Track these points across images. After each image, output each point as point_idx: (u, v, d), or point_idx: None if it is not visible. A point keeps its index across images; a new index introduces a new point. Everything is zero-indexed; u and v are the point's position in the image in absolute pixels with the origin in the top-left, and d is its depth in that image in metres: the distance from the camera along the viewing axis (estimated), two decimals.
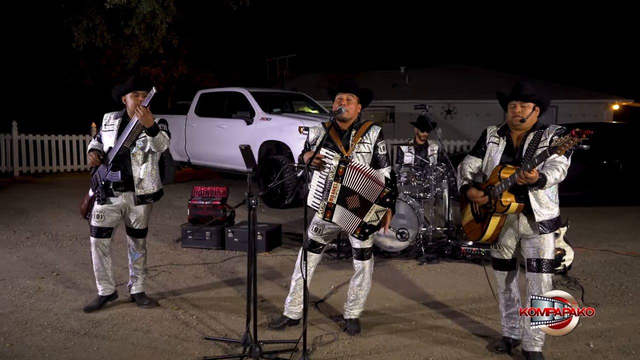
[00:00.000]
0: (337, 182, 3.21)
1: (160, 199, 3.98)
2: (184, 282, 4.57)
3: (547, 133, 2.94)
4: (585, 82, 21.89)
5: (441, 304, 4.10)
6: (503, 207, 2.93)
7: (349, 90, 3.32)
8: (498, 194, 2.93)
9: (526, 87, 2.96)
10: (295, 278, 3.55)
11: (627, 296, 4.33)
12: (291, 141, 8.25)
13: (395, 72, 24.50)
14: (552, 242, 3.01)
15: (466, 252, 5.31)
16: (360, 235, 3.26)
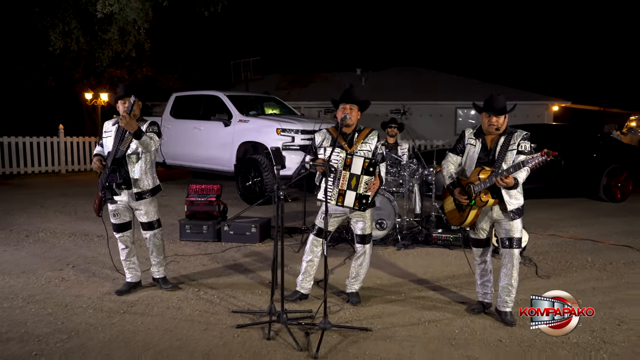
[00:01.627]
0: (346, 171, 3.86)
1: (157, 193, 4.43)
2: (194, 269, 5.10)
3: (515, 137, 3.68)
4: (529, 85, 23.46)
5: (423, 280, 4.83)
6: (482, 202, 3.67)
7: (351, 101, 3.98)
8: (478, 192, 3.66)
9: (500, 100, 3.68)
10: (306, 260, 4.17)
11: (572, 270, 5.21)
12: (269, 142, 8.82)
13: (352, 74, 25.31)
14: (520, 225, 3.79)
15: (437, 239, 6.09)
16: (361, 207, 3.87)
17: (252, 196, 8.95)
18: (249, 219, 6.41)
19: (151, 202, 4.32)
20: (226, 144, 9.45)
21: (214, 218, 6.33)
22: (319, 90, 23.28)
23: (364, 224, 4.07)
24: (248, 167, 9.00)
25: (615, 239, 6.60)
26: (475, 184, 3.67)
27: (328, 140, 4.08)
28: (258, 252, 5.75)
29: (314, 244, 4.13)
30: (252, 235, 6.14)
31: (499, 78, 24.36)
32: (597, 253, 5.85)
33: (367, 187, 3.86)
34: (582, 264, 5.40)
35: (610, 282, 4.81)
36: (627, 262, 5.50)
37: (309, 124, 9.16)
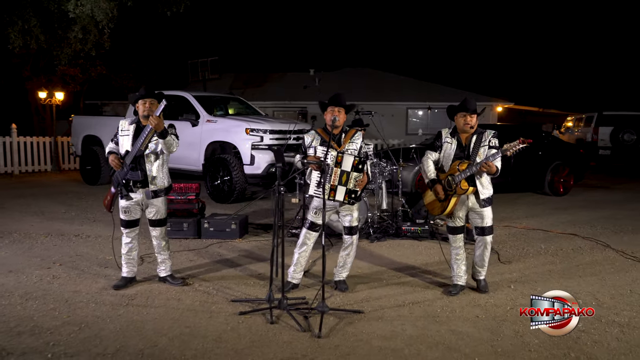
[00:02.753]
0: (337, 167, 4.20)
1: (169, 192, 4.66)
2: (182, 265, 5.30)
3: (486, 135, 4.25)
4: (474, 86, 24.67)
5: (400, 268, 5.26)
6: (462, 190, 4.17)
7: (340, 105, 4.34)
8: (458, 181, 4.15)
9: (472, 102, 4.24)
10: (298, 251, 4.49)
11: (529, 256, 5.79)
12: (239, 141, 9.06)
13: (305, 74, 25.69)
14: (491, 213, 4.35)
15: (406, 231, 6.55)
16: (350, 201, 4.25)
17: (221, 195, 9.15)
18: (228, 216, 6.65)
19: (163, 201, 4.52)
20: (194, 144, 9.57)
21: (194, 216, 6.52)
22: (273, 90, 23.55)
23: (351, 217, 4.43)
24: (217, 166, 9.18)
25: (562, 228, 7.29)
26: (455, 175, 4.17)
27: (317, 140, 4.41)
28: (240, 248, 6.01)
29: (307, 237, 4.45)
30: (232, 232, 6.38)
31: (447, 80, 25.42)
32: (548, 241, 6.48)
33: (356, 183, 4.23)
34: (537, 251, 6.00)
35: (563, 265, 5.40)
36: (575, 248, 6.15)
37: (276, 124, 9.45)
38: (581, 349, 3.34)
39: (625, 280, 4.88)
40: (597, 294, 4.46)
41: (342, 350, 3.36)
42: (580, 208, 9.02)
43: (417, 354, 3.33)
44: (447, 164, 4.33)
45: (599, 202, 9.85)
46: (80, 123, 12.09)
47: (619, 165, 16.12)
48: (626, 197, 10.49)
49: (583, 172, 11.07)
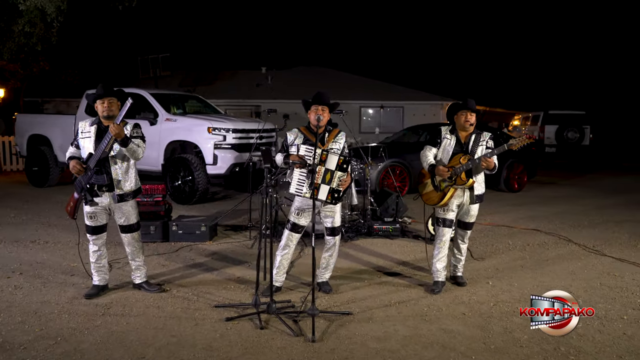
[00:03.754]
0: (321, 166, 4.14)
1: (138, 195, 4.43)
2: (154, 270, 5.07)
3: (484, 136, 4.44)
4: (424, 85, 25.17)
5: (378, 268, 5.26)
6: (463, 181, 4.31)
7: (323, 104, 4.27)
8: (460, 172, 4.30)
9: (473, 102, 4.35)
10: (281, 254, 4.38)
11: (499, 252, 5.94)
12: (201, 141, 8.82)
13: (257, 73, 25.42)
14: (477, 210, 4.52)
15: (378, 230, 6.57)
16: (333, 201, 4.19)
17: (182, 196, 8.88)
18: (197, 218, 6.44)
19: (132, 205, 4.28)
20: (153, 143, 9.21)
21: (161, 218, 6.28)
22: (225, 88, 23.14)
23: (333, 218, 4.38)
24: (177, 166, 8.89)
25: (524, 223, 7.54)
26: (456, 167, 4.32)
27: (300, 138, 4.33)
28: (212, 251, 5.83)
29: (289, 239, 4.36)
30: (201, 234, 6.18)
31: (398, 79, 25.84)
32: (514, 237, 6.68)
33: (340, 182, 4.18)
34: (506, 247, 6.17)
35: (533, 261, 5.57)
36: (540, 243, 6.36)
37: (239, 122, 9.26)
38: (569, 342, 3.44)
39: (593, 274, 5.09)
40: (570, 287, 4.60)
41: (340, 354, 3.30)
42: (535, 204, 9.36)
43: (414, 354, 3.32)
44: (445, 159, 4.47)
45: (551, 197, 10.26)
46: (26, 122, 11.41)
47: (563, 162, 16.91)
48: (575, 193, 10.98)
49: (535, 169, 11.52)
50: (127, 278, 4.66)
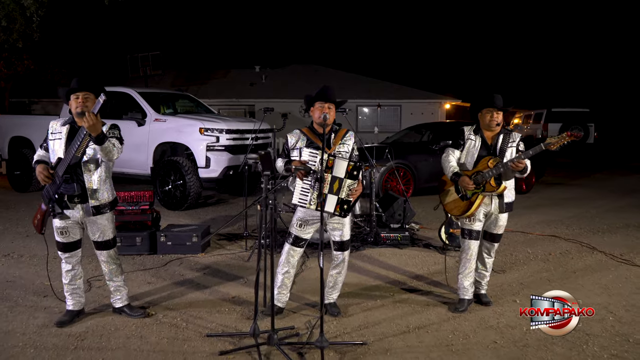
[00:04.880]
0: (328, 173, 3.59)
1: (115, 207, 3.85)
2: (139, 289, 4.51)
3: (514, 136, 3.92)
4: (421, 83, 24.64)
5: (390, 282, 4.71)
6: (493, 187, 3.79)
7: (329, 100, 3.72)
8: (488, 178, 3.77)
9: (500, 98, 3.81)
10: (281, 272, 3.83)
11: (520, 263, 5.41)
12: (192, 142, 8.26)
13: (251, 71, 24.86)
14: (506, 220, 4.04)
15: (386, 239, 6.03)
16: (341, 213, 3.64)
17: (172, 201, 8.31)
18: (187, 227, 5.88)
19: (108, 219, 3.71)
20: (141, 145, 8.65)
21: (148, 228, 5.71)
22: (218, 87, 22.57)
23: (342, 231, 3.83)
24: (168, 170, 8.32)
25: (539, 229, 7.02)
26: (484, 172, 3.80)
27: (303, 141, 3.78)
28: (205, 264, 5.27)
29: (290, 254, 3.81)
30: (193, 246, 5.62)
31: (395, 77, 25.33)
32: (533, 245, 6.16)
33: (349, 191, 3.64)
34: (526, 257, 5.64)
35: (558, 273, 5.05)
36: (562, 252, 5.84)
37: (233, 123, 8.71)
38: None
39: (629, 288, 4.57)
40: (609, 306, 4.08)
41: None
42: (547, 207, 8.85)
43: None
44: (470, 163, 3.96)
45: (562, 199, 9.76)
46: (7, 123, 10.80)
47: (567, 161, 16.44)
48: (586, 194, 10.49)
49: (544, 169, 11.03)
50: (105, 300, 4.10)
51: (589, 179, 13.11)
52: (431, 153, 9.45)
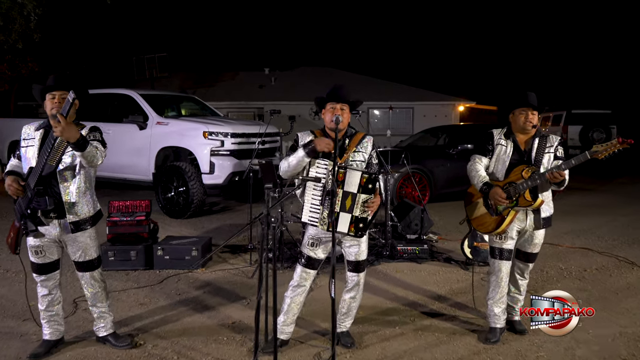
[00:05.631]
0: (339, 188, 3.11)
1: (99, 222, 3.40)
2: (130, 311, 4.06)
3: (551, 140, 3.39)
4: (434, 86, 24.10)
5: (409, 304, 4.22)
6: (528, 202, 3.27)
7: (342, 100, 3.25)
8: (522, 190, 3.26)
9: (535, 96, 3.29)
10: (291, 295, 3.36)
11: (553, 280, 4.88)
12: (195, 147, 7.83)
13: (260, 73, 24.52)
14: (543, 237, 3.53)
15: (402, 252, 5.53)
16: (357, 233, 3.16)
17: (175, 209, 7.88)
18: (187, 240, 5.42)
19: (91, 236, 3.26)
20: (142, 150, 8.24)
21: (144, 241, 5.25)
22: (227, 90, 22.20)
23: (358, 249, 3.34)
24: (170, 175, 7.89)
25: (568, 240, 6.48)
26: (518, 183, 3.30)
27: None
28: (205, 281, 4.81)
29: (303, 277, 3.33)
30: (192, 260, 5.16)
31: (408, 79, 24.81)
32: (564, 259, 5.62)
33: (364, 208, 3.15)
34: (559, 273, 5.11)
35: (597, 292, 4.52)
36: (598, 267, 5.31)
37: (238, 126, 8.26)
38: None
39: None
40: None
41: None
42: (572, 214, 8.28)
43: None
44: (501, 172, 3.45)
45: (586, 206, 9.18)
46: (6, 126, 10.46)
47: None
48: (611, 201, 9.91)
49: None
50: (90, 326, 3.62)
51: (612, 184, 12.48)
52: (448, 158, 8.93)
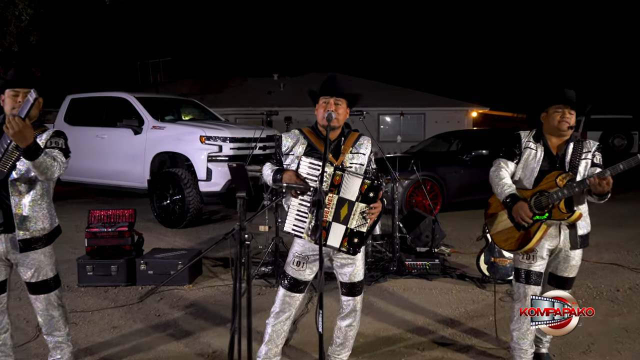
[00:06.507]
0: (333, 193, 2.62)
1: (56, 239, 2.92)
2: (99, 336, 3.59)
3: (588, 144, 2.92)
4: (447, 91, 23.53)
5: (418, 331, 3.69)
6: (563, 214, 2.77)
7: (338, 94, 2.77)
8: (557, 201, 2.77)
9: (573, 93, 2.83)
10: (272, 323, 2.86)
11: (581, 302, 4.33)
12: (192, 152, 7.38)
13: (268, 79, 24.17)
14: (581, 258, 3.02)
15: (411, 267, 5.00)
16: (350, 249, 2.67)
17: (170, 218, 7.43)
18: (173, 253, 4.95)
19: (45, 253, 2.80)
20: (137, 155, 7.82)
21: (127, 254, 4.79)
22: (235, 96, 21.85)
23: (353, 268, 2.85)
24: (166, 182, 7.44)
25: (594, 254, 5.89)
26: (551, 192, 2.79)
27: (302, 145, 2.82)
28: (190, 300, 4.32)
29: (286, 302, 2.83)
30: (179, 275, 4.67)
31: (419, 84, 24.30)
32: (592, 276, 5.06)
33: (362, 219, 2.65)
34: (588, 293, 4.55)
35: (635, 318, 3.97)
36: (632, 287, 4.74)
37: (238, 130, 7.81)
38: None
39: None
40: None
41: None
42: (596, 225, 7.48)
43: None
44: (529, 180, 2.95)
45: (611, 216, 8.48)
46: None
47: None
48: (636, 210, 9.27)
49: None
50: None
51: (636, 192, 11.80)
52: (462, 164, 8.39)
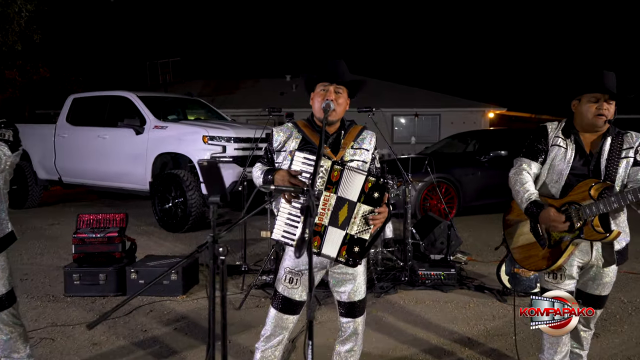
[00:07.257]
0: (330, 191, 2.22)
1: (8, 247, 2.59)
2: (78, 354, 3.24)
3: (630, 138, 2.40)
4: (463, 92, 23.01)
5: (432, 352, 3.27)
6: (598, 234, 2.30)
7: (337, 80, 2.37)
8: (589, 216, 2.31)
9: (612, 78, 2.35)
10: (262, 348, 2.48)
11: (616, 319, 3.88)
12: (194, 153, 7.03)
13: (281, 80, 23.86)
14: (615, 275, 2.56)
15: (425, 277, 4.58)
16: (349, 260, 2.26)
17: (172, 221, 7.10)
18: (168, 261, 4.60)
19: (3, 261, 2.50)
20: (139, 156, 7.51)
21: (117, 262, 4.45)
22: (246, 97, 21.58)
23: (352, 284, 2.45)
24: (168, 184, 7.12)
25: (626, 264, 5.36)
26: (583, 205, 2.32)
27: (296, 140, 2.42)
28: (181, 313, 3.96)
29: (278, 325, 2.44)
30: (171, 285, 4.33)
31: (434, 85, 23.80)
32: (625, 289, 4.59)
33: (365, 224, 2.26)
34: (622, 309, 4.10)
35: None
36: None
37: (242, 130, 7.46)
38: None
39: None
40: None
41: None
42: None
43: None
44: (557, 185, 2.47)
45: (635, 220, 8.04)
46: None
47: None
48: None
49: None
50: None
51: None
52: (479, 165, 7.94)
